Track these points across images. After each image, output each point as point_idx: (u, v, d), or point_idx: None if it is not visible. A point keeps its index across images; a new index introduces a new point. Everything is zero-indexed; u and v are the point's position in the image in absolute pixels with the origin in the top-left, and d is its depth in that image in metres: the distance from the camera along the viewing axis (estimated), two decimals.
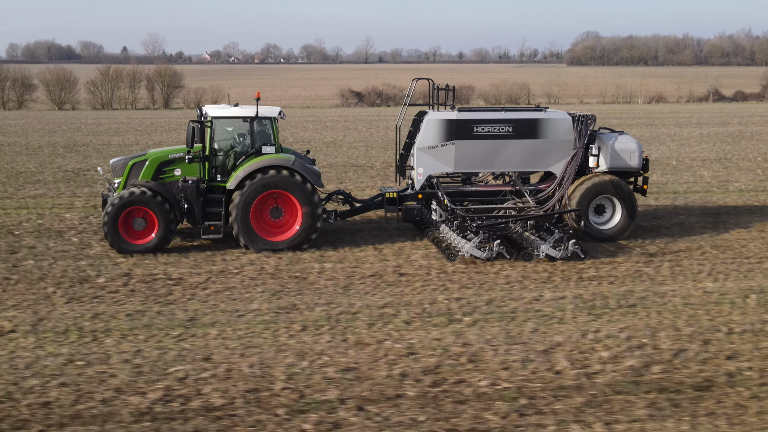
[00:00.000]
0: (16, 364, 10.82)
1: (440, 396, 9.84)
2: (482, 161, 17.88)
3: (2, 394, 9.86)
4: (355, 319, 12.70)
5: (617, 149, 17.82)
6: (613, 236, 17.68)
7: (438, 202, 17.95)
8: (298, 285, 14.55)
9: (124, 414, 9.35)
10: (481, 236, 16.07)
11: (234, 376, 10.40)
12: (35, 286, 14.42)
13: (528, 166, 18.16)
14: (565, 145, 17.85)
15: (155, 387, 10.07)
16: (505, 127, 17.64)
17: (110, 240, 16.39)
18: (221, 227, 16.91)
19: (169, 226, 16.47)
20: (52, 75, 73.46)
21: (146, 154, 17.46)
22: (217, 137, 17.36)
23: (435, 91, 18.60)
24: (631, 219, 17.73)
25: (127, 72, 76.11)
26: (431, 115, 17.77)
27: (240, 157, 17.17)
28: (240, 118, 17.39)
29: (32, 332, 12.07)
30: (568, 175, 17.76)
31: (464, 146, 17.57)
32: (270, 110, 17.35)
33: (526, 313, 12.95)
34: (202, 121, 16.99)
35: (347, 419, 9.22)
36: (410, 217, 18.26)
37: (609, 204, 17.87)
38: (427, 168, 17.85)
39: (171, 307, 13.31)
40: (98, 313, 12.93)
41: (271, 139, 17.31)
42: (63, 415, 9.31)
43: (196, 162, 16.94)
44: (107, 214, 16.23)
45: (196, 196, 16.80)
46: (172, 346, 11.51)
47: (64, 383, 10.20)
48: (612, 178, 17.62)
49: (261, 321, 12.58)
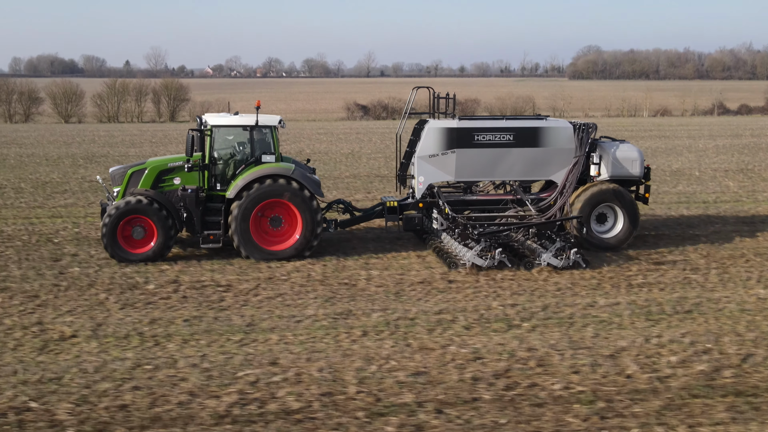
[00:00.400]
0: (85, 368, 10.79)
1: (516, 399, 9.81)
2: (483, 170, 17.75)
3: (77, 397, 9.84)
4: (414, 324, 12.68)
5: (619, 158, 17.71)
6: (616, 245, 17.52)
7: (439, 211, 17.82)
8: (349, 292, 14.53)
9: (203, 416, 9.32)
10: (482, 244, 15.89)
11: (305, 380, 10.38)
12: (86, 292, 14.41)
13: (529, 175, 18.04)
14: (567, 154, 17.75)
15: (228, 390, 10.04)
16: (506, 136, 17.55)
17: (109, 249, 16.19)
18: (220, 236, 16.71)
19: (168, 234, 16.29)
20: (59, 88, 73.86)
21: (145, 163, 17.28)
22: (217, 146, 17.19)
23: (435, 100, 18.51)
24: (634, 227, 17.58)
25: (133, 85, 76.52)
26: (432, 123, 17.66)
27: (240, 166, 16.98)
28: (240, 126, 17.25)
29: (93, 337, 12.05)
30: (569, 184, 17.65)
31: (465, 155, 17.45)
32: (270, 119, 17.23)
33: (584, 318, 12.94)
34: (201, 130, 16.84)
35: (428, 422, 9.20)
36: (411, 226, 18.11)
37: (611, 213, 17.74)
38: (428, 177, 17.73)
39: (226, 312, 13.28)
40: (155, 319, 12.90)
41: (271, 147, 17.16)
42: (143, 418, 9.28)
43: (195, 171, 16.79)
44: (105, 224, 16.03)
45: (195, 205, 16.63)
46: (236, 351, 11.49)
47: (137, 387, 10.18)
48: (614, 187, 17.51)
49: (320, 326, 12.56)
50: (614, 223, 17.78)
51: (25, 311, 13.30)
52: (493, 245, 16.01)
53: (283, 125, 17.54)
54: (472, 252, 15.80)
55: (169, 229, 16.34)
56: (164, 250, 16.46)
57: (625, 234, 17.62)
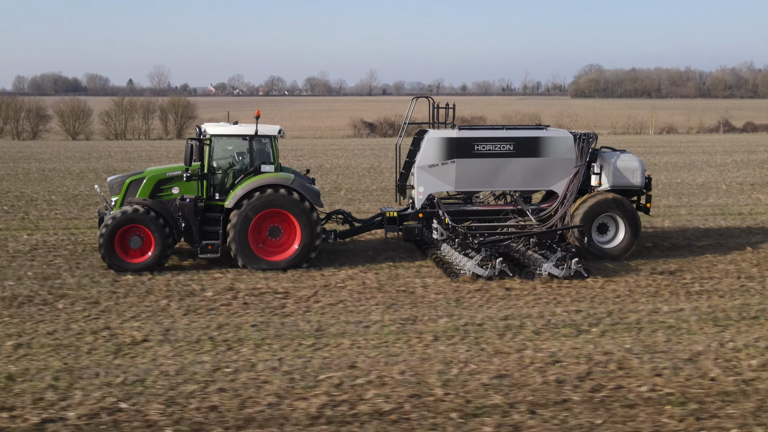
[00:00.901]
0: (165, 370, 10.76)
1: (606, 401, 9.79)
2: (483, 180, 17.61)
3: (165, 399, 9.81)
4: (483, 330, 12.66)
5: (620, 167, 17.59)
6: (617, 255, 17.38)
7: (439, 221, 17.63)
8: (409, 299, 14.52)
9: (297, 417, 9.28)
10: (483, 254, 15.75)
11: (389, 383, 10.35)
12: (145, 299, 14.40)
13: (530, 185, 17.90)
14: (567, 164, 17.61)
15: (315, 393, 10.02)
16: (506, 146, 17.42)
17: (106, 258, 16.04)
18: (219, 246, 16.56)
19: (166, 244, 16.13)
20: (67, 106, 74.34)
21: (144, 172, 17.15)
22: (216, 155, 17.06)
23: (435, 110, 18.33)
24: (635, 237, 17.45)
25: (141, 103, 76.98)
26: (431, 133, 17.53)
27: (239, 176, 16.85)
28: (239, 136, 17.12)
29: (165, 341, 12.03)
30: (570, 193, 17.50)
31: (465, 165, 17.33)
32: (269, 128, 17.09)
33: (651, 324, 12.94)
34: (200, 139, 16.76)
35: (524, 422, 9.18)
36: (411, 236, 17.92)
37: (612, 223, 17.63)
38: (428, 187, 17.58)
39: (291, 318, 13.27)
40: (222, 324, 12.89)
41: (271, 157, 17.02)
42: (237, 418, 9.26)
43: (194, 180, 16.68)
44: (103, 234, 15.89)
45: (193, 214, 16.44)
46: (311, 355, 11.47)
47: (222, 389, 10.15)
48: (615, 196, 17.39)
49: (389, 331, 12.54)
50: (615, 233, 17.63)
51: (89, 317, 13.28)
52: (494, 255, 15.84)
53: (282, 135, 17.38)
54: (473, 262, 15.65)
55: (167, 238, 16.13)
56: (161, 260, 16.23)
57: (627, 244, 17.46)
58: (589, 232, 17.25)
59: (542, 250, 16.47)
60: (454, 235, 16.89)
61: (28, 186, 30.61)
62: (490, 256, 15.81)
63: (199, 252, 16.61)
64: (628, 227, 17.41)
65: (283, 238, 16.79)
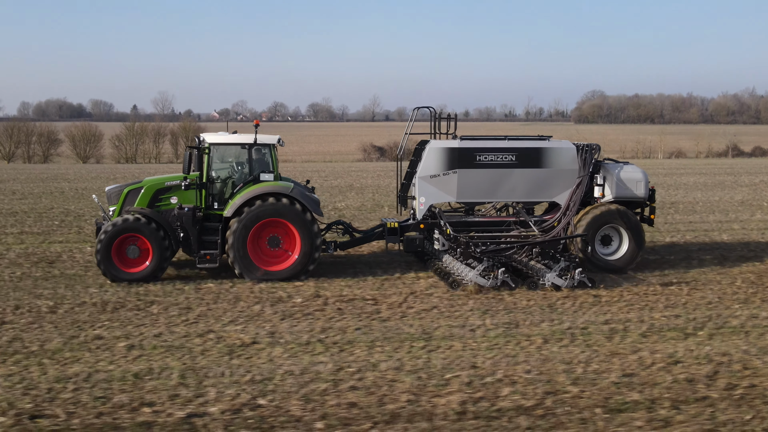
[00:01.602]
0: (289, 370, 10.73)
1: (746, 398, 9.73)
2: (485, 191, 17.40)
3: (300, 396, 9.75)
4: (588, 333, 12.63)
5: (623, 179, 17.49)
6: (621, 267, 17.24)
7: (440, 231, 17.41)
8: (501, 305, 14.51)
9: (444, 412, 9.22)
10: (485, 263, 15.56)
11: (519, 381, 10.30)
12: (237, 304, 14.42)
13: (532, 196, 17.71)
14: (570, 175, 17.44)
15: (448, 390, 9.97)
16: (509, 156, 17.25)
17: (102, 268, 15.83)
18: (217, 256, 16.36)
19: (164, 254, 15.94)
20: (78, 130, 74.80)
21: (142, 182, 17.05)
22: (215, 164, 16.94)
23: (437, 120, 18.14)
24: (639, 249, 17.31)
25: (152, 128, 77.66)
26: (433, 143, 17.36)
27: (238, 185, 16.71)
28: (238, 144, 16.99)
29: (275, 344, 12.01)
30: (573, 203, 17.30)
31: (467, 175, 17.14)
32: (269, 138, 16.93)
33: (756, 328, 12.95)
34: (199, 148, 16.64)
35: (673, 417, 9.12)
36: (412, 247, 17.65)
37: (615, 234, 17.46)
38: (429, 197, 17.37)
39: (391, 323, 13.25)
40: (325, 328, 12.88)
41: (270, 166, 16.87)
42: (382, 413, 9.20)
43: (192, 189, 16.53)
44: (100, 241, 15.72)
45: (192, 223, 16.22)
46: (426, 356, 11.43)
47: (354, 387, 10.09)
48: (618, 207, 17.25)
49: (497, 335, 12.52)
50: (619, 245, 17.47)
51: (188, 321, 13.23)
52: (496, 265, 15.63)
53: (281, 144, 17.22)
54: (475, 272, 15.43)
55: (165, 248, 15.93)
56: (158, 271, 16.03)
57: (631, 256, 17.31)
58: (593, 243, 17.08)
59: (545, 260, 16.24)
60: (456, 244, 16.58)
61: (69, 203, 30.63)
62: (493, 266, 15.56)
63: (198, 262, 16.33)
64: (632, 239, 17.24)
65: (283, 248, 16.51)
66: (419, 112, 18.89)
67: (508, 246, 16.80)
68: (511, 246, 16.82)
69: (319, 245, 16.44)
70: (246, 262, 16.17)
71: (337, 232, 18.79)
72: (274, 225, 16.38)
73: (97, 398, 9.67)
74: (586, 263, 16.65)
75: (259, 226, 16.22)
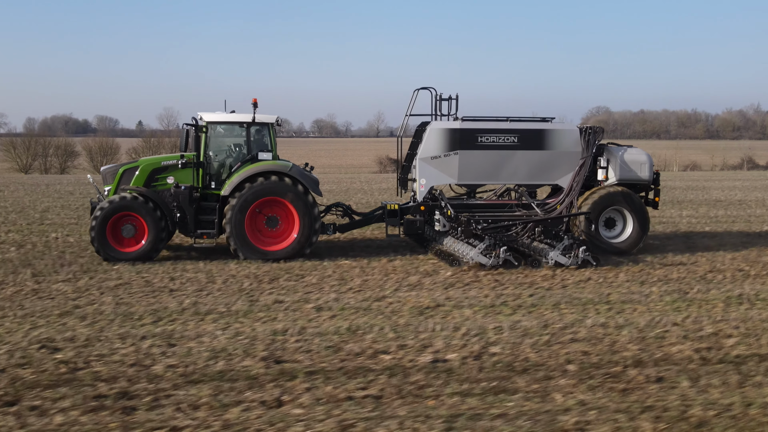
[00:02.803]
0: (498, 326, 10.87)
1: None
2: (487, 173, 17.16)
3: (526, 345, 9.78)
4: (759, 299, 12.68)
5: (627, 161, 17.28)
6: (626, 250, 17.09)
7: (441, 213, 17.15)
8: (655, 277, 14.57)
9: (689, 356, 9.29)
10: (487, 242, 15.32)
11: (734, 335, 10.37)
12: (389, 275, 14.47)
13: (534, 179, 17.49)
14: (573, 157, 17.20)
15: (670, 342, 10.05)
16: (511, 138, 16.98)
17: (96, 246, 15.53)
18: (214, 236, 16.11)
19: (160, 234, 15.70)
20: (95, 143, 75.20)
21: (138, 161, 16.76)
22: (212, 144, 16.63)
23: (438, 101, 17.82)
24: (644, 232, 17.20)
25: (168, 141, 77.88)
26: (434, 124, 17.18)
27: (235, 164, 16.43)
28: (236, 123, 16.66)
29: (460, 306, 12.51)
30: (576, 184, 17.10)
31: (468, 157, 16.88)
32: (267, 116, 16.65)
33: None
34: (196, 125, 16.32)
35: None
36: (412, 230, 17.33)
37: (619, 217, 17.33)
38: (430, 179, 17.10)
39: (558, 291, 13.83)
40: (499, 294, 13.28)
41: (268, 146, 16.56)
42: (623, 358, 9.38)
43: (189, 168, 16.16)
44: (95, 218, 15.39)
45: (188, 203, 15.85)
46: (619, 316, 11.59)
47: (574, 339, 10.16)
48: (622, 189, 17.09)
49: (674, 299, 13.23)
50: (623, 228, 17.31)
51: (353, 289, 13.54)
52: (498, 243, 15.42)
53: (280, 123, 16.92)
54: (476, 250, 15.21)
55: (162, 229, 15.68)
56: (153, 252, 15.74)
57: (636, 238, 17.18)
58: (597, 224, 17.02)
59: (548, 238, 16.13)
60: (457, 223, 16.32)
61: None
62: (494, 244, 15.34)
63: (194, 242, 16.14)
64: (636, 221, 17.09)
65: (281, 228, 16.23)
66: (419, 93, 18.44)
67: (510, 223, 16.49)
68: (513, 223, 16.53)
69: (318, 223, 16.12)
70: (244, 243, 15.84)
71: (336, 215, 18.47)
72: (272, 204, 16.09)
73: (327, 347, 9.68)
74: (591, 243, 16.56)
75: (257, 205, 15.94)
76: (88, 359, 9.23)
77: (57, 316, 11.34)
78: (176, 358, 9.48)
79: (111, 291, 13.39)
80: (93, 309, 11.80)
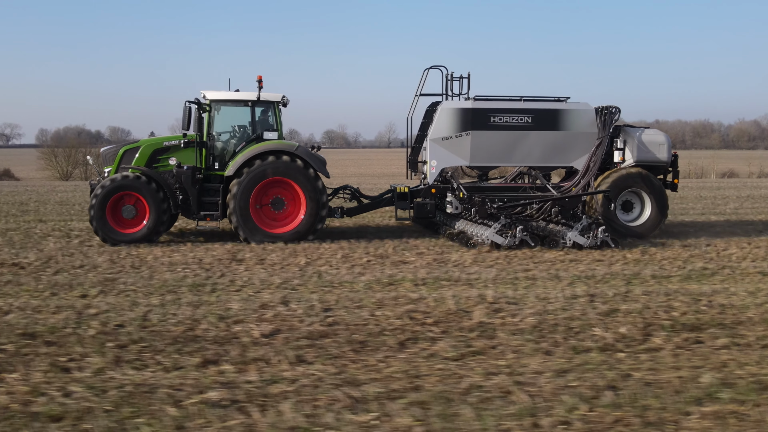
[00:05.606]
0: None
1: None
2: (500, 154, 16.69)
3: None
4: None
5: (645, 141, 16.79)
6: (644, 233, 16.58)
7: (453, 195, 16.58)
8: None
9: None
10: (502, 221, 14.84)
11: None
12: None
13: (549, 161, 16.97)
14: (589, 138, 16.71)
15: None
16: (524, 118, 16.50)
17: (95, 226, 15.17)
18: (218, 217, 15.64)
19: (161, 216, 15.33)
20: None
21: (139, 141, 16.38)
22: (216, 122, 16.14)
23: (449, 81, 17.24)
24: (662, 215, 16.68)
25: None
26: (445, 104, 16.69)
27: (240, 144, 15.93)
28: (241, 101, 16.22)
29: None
30: (593, 164, 16.55)
31: (480, 137, 16.42)
32: (272, 95, 16.17)
33: None
34: (200, 103, 15.86)
35: None
36: (423, 213, 16.85)
37: (637, 200, 16.89)
38: (441, 160, 16.62)
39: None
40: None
41: (274, 125, 16.05)
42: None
43: (191, 148, 15.72)
44: (96, 196, 14.98)
45: (191, 183, 15.46)
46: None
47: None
48: (640, 171, 16.58)
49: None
50: (642, 211, 16.85)
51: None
52: (514, 223, 14.96)
53: (286, 101, 16.40)
54: (492, 230, 14.75)
55: (163, 211, 15.23)
56: (154, 234, 15.34)
57: (654, 222, 16.69)
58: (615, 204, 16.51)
59: (566, 219, 15.62)
60: (471, 204, 15.77)
61: None
62: (510, 224, 14.88)
63: (198, 224, 15.68)
64: (654, 204, 16.60)
65: (287, 209, 15.76)
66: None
67: (526, 202, 15.95)
68: (530, 202, 15.99)
69: (325, 204, 15.67)
70: (249, 225, 15.36)
71: (344, 198, 17.95)
72: (278, 185, 15.60)
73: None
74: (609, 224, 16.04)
75: (262, 186, 15.48)
76: None
77: None
78: None
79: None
80: None
